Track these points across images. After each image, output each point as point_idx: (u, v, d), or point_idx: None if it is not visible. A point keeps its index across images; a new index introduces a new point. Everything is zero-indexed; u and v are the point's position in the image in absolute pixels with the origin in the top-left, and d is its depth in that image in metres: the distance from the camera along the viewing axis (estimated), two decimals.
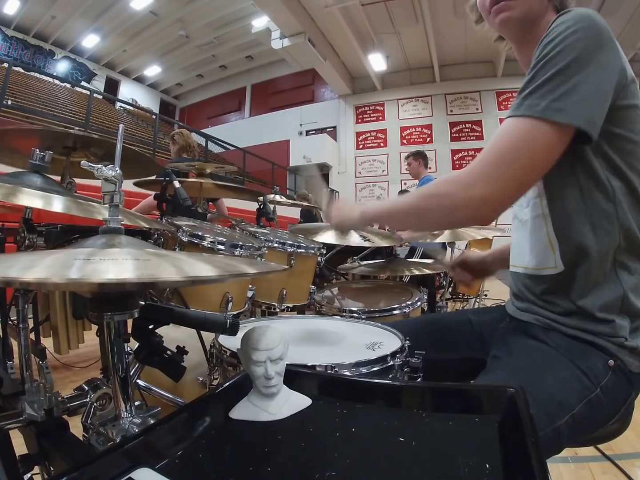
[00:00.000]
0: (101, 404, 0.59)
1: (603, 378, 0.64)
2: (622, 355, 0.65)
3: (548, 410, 0.60)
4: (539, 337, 0.72)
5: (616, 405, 0.66)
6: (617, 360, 0.65)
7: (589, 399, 0.63)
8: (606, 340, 0.65)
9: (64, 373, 2.12)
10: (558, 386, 0.63)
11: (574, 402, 0.62)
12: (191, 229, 1.14)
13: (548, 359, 0.67)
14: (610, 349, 0.65)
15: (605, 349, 0.65)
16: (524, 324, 0.77)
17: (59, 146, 1.14)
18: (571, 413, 0.61)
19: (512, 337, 0.77)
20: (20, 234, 1.03)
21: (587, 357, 0.65)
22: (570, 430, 0.62)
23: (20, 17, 11.86)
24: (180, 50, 13.94)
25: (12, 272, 0.33)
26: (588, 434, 0.68)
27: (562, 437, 0.62)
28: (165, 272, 0.38)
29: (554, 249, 0.70)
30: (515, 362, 0.70)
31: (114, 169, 0.51)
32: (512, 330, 0.79)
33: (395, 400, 0.49)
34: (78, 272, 0.35)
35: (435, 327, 0.94)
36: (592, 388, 0.63)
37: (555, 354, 0.67)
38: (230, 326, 0.60)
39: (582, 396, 0.63)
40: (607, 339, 0.65)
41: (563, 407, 0.62)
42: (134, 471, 0.35)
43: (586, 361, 0.65)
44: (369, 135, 13.05)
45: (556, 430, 0.60)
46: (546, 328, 0.72)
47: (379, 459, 0.38)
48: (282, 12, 8.92)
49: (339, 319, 1.04)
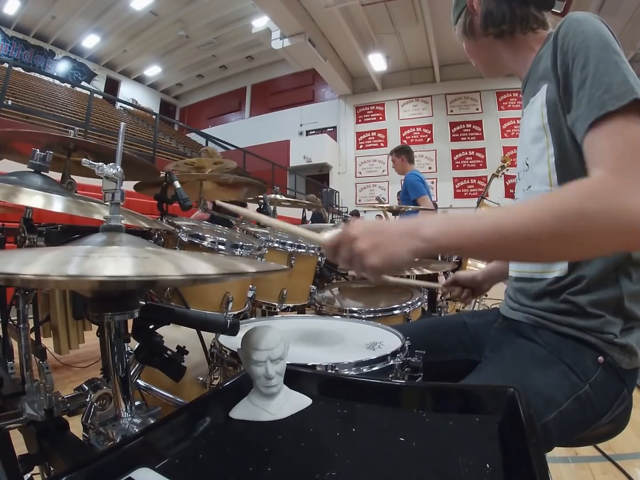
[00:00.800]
0: (101, 404, 0.59)
1: (592, 374, 0.64)
2: (612, 352, 0.65)
3: (535, 407, 0.60)
4: (529, 336, 0.72)
5: (607, 402, 0.66)
6: (606, 356, 0.65)
7: (578, 395, 0.63)
8: (595, 336, 0.66)
9: (64, 373, 2.12)
10: (545, 383, 0.63)
11: (561, 398, 0.63)
12: (191, 229, 1.14)
13: (536, 357, 0.68)
14: (600, 346, 0.65)
15: (594, 346, 0.66)
16: (515, 323, 0.78)
17: (60, 146, 1.14)
18: (559, 409, 0.62)
19: (503, 337, 0.78)
20: (21, 234, 1.03)
21: (576, 354, 0.66)
22: (559, 426, 0.62)
23: (21, 17, 11.87)
24: (180, 50, 13.96)
25: (10, 267, 0.32)
26: (579, 431, 0.68)
27: (550, 434, 0.62)
28: (164, 270, 0.38)
29: None
30: (504, 361, 0.70)
31: (114, 166, 0.51)
32: (504, 330, 0.80)
33: (396, 400, 0.49)
34: (76, 269, 0.34)
35: (432, 330, 0.95)
36: (580, 385, 0.64)
37: (543, 352, 0.68)
38: (230, 326, 0.60)
39: (570, 392, 0.63)
40: (596, 335, 0.66)
41: (550, 403, 0.62)
42: (134, 471, 0.35)
43: (575, 358, 0.65)
44: (369, 135, 13.06)
45: (544, 426, 0.61)
46: (536, 326, 0.72)
47: (379, 459, 0.38)
48: (282, 12, 8.93)
49: (339, 319, 1.04)
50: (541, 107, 0.69)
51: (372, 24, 9.74)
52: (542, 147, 0.69)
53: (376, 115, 13.02)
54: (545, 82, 0.69)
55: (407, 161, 3.47)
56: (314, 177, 12.80)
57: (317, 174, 13.12)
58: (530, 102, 0.74)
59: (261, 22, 11.72)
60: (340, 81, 12.25)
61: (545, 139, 0.69)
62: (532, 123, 0.72)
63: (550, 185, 0.69)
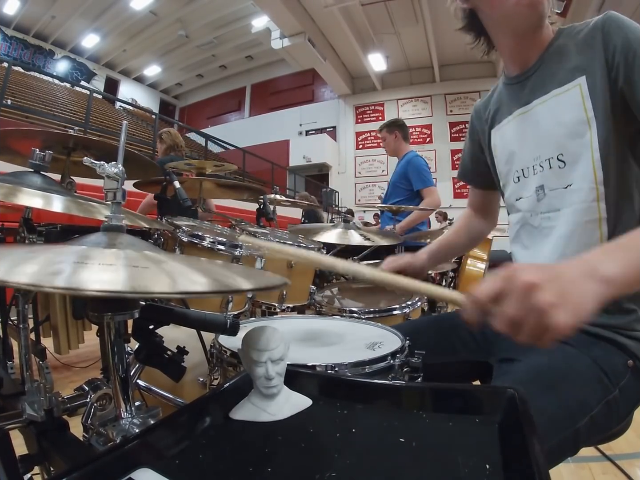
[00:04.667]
0: (101, 404, 0.59)
1: (622, 379, 0.63)
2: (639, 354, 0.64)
3: (570, 410, 0.59)
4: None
5: (629, 406, 0.65)
6: (635, 360, 0.64)
7: (607, 400, 0.61)
8: (626, 336, 0.65)
9: (64, 373, 2.11)
10: (580, 386, 0.61)
11: (594, 402, 0.61)
12: (191, 229, 1.14)
13: (570, 357, 0.65)
14: (630, 347, 0.64)
15: (625, 347, 0.65)
16: None
17: (59, 146, 1.14)
18: (591, 414, 0.60)
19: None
20: (20, 233, 1.03)
21: (609, 357, 0.64)
22: (588, 431, 0.60)
23: (20, 16, 11.86)
24: (180, 50, 13.95)
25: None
26: (601, 435, 0.66)
27: (580, 439, 0.60)
28: (158, 286, 0.36)
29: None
30: (535, 363, 0.66)
31: (116, 165, 0.51)
32: None
33: (396, 400, 0.49)
34: (65, 280, 0.33)
35: (432, 330, 0.91)
36: (611, 389, 0.62)
37: (576, 353, 0.65)
38: (230, 326, 0.60)
39: (601, 397, 0.61)
40: (627, 334, 0.65)
41: (584, 407, 0.60)
42: (134, 471, 0.35)
43: (608, 361, 0.64)
44: (369, 135, 13.06)
45: (576, 431, 0.59)
46: None
47: (379, 459, 0.38)
48: (282, 12, 8.93)
49: (339, 319, 1.04)
50: (582, 99, 0.67)
51: (372, 24, 9.74)
52: (585, 142, 0.67)
53: (376, 115, 13.02)
54: (581, 74, 0.67)
55: (401, 138, 2.67)
56: (314, 177, 12.81)
57: (316, 174, 13.13)
58: (554, 95, 0.71)
59: (261, 22, 11.72)
60: (340, 81, 12.25)
61: (589, 133, 0.66)
62: (565, 116, 0.69)
63: (595, 183, 0.67)
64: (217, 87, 16.33)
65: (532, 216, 0.78)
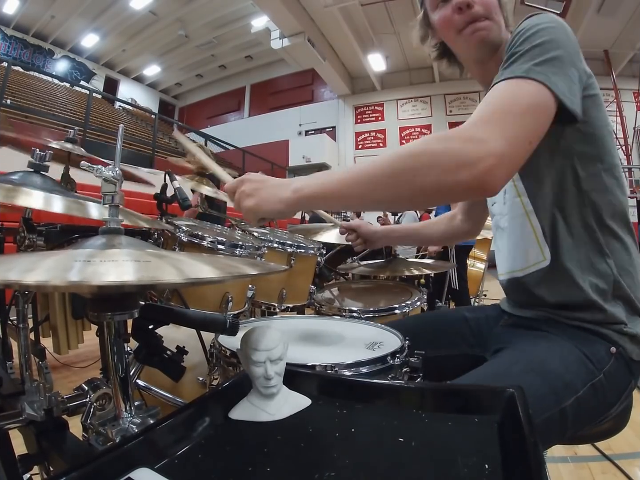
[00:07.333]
0: (101, 404, 0.59)
1: (606, 364, 0.65)
2: (623, 343, 0.66)
3: (556, 389, 0.61)
4: (542, 328, 0.73)
5: (617, 393, 0.67)
6: (618, 347, 0.66)
7: (593, 383, 0.64)
8: (607, 327, 0.67)
9: (64, 373, 2.12)
10: (565, 367, 0.64)
11: (579, 384, 0.63)
12: (191, 228, 1.14)
13: (554, 343, 0.68)
14: (612, 337, 0.67)
15: (607, 336, 0.67)
16: (524, 319, 0.78)
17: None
18: (577, 395, 0.62)
19: (514, 331, 0.78)
20: (20, 233, 1.04)
21: (591, 343, 0.67)
22: (575, 413, 0.62)
23: (20, 16, 11.85)
24: (179, 50, 13.94)
25: (12, 274, 0.33)
26: (589, 422, 0.68)
27: (567, 420, 0.62)
28: (165, 274, 0.38)
29: (540, 243, 0.72)
30: (521, 349, 0.70)
31: (113, 169, 0.51)
32: (513, 325, 0.80)
33: (395, 400, 0.49)
34: (78, 275, 0.34)
35: (432, 325, 0.95)
36: (595, 372, 0.64)
37: (560, 339, 0.68)
38: (230, 326, 0.60)
39: (587, 379, 0.64)
40: (608, 327, 0.67)
41: (569, 388, 0.62)
42: (134, 471, 0.35)
43: (590, 347, 0.66)
44: (368, 135, 13.06)
45: (562, 411, 0.61)
46: (547, 320, 0.73)
47: (378, 459, 0.38)
48: (282, 12, 8.92)
49: (339, 319, 1.04)
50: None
51: (372, 24, 9.74)
52: None
53: (375, 115, 13.02)
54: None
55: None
56: None
57: None
58: None
59: (260, 22, 11.70)
60: (340, 81, 12.24)
61: None
62: None
63: (512, 180, 0.73)
64: (217, 87, 16.31)
65: (500, 219, 0.83)
